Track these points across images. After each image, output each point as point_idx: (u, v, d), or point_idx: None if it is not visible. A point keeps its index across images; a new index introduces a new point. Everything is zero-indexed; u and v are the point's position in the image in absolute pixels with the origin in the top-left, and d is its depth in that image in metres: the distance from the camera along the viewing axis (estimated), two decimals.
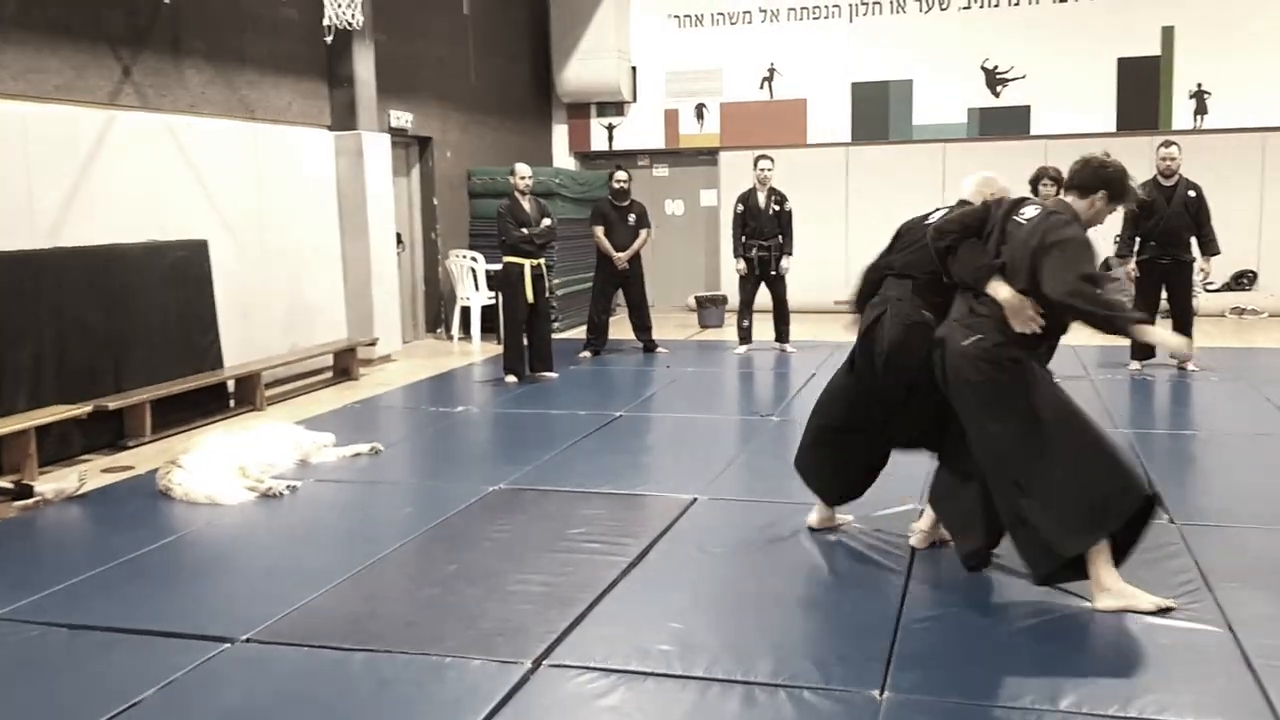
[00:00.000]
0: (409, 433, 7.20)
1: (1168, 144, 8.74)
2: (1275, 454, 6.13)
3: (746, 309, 10.32)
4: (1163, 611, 3.73)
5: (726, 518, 5.07)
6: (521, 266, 8.74)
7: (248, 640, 3.69)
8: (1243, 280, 12.64)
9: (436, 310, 12.11)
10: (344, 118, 9.84)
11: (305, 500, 5.50)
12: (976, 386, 3.97)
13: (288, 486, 5.59)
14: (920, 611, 3.84)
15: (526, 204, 8.92)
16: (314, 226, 9.48)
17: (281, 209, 9.02)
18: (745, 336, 10.35)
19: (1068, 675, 3.29)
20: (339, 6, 8.34)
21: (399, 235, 10.99)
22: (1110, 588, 3.79)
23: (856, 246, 13.88)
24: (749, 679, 3.32)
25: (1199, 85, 12.82)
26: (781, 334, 10.36)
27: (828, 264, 13.72)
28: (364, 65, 9.90)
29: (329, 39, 8.61)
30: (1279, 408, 7.17)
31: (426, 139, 11.75)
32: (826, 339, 11.07)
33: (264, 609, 3.93)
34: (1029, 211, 4.05)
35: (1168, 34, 12.84)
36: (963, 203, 4.52)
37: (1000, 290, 3.92)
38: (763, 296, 10.24)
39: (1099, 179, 3.97)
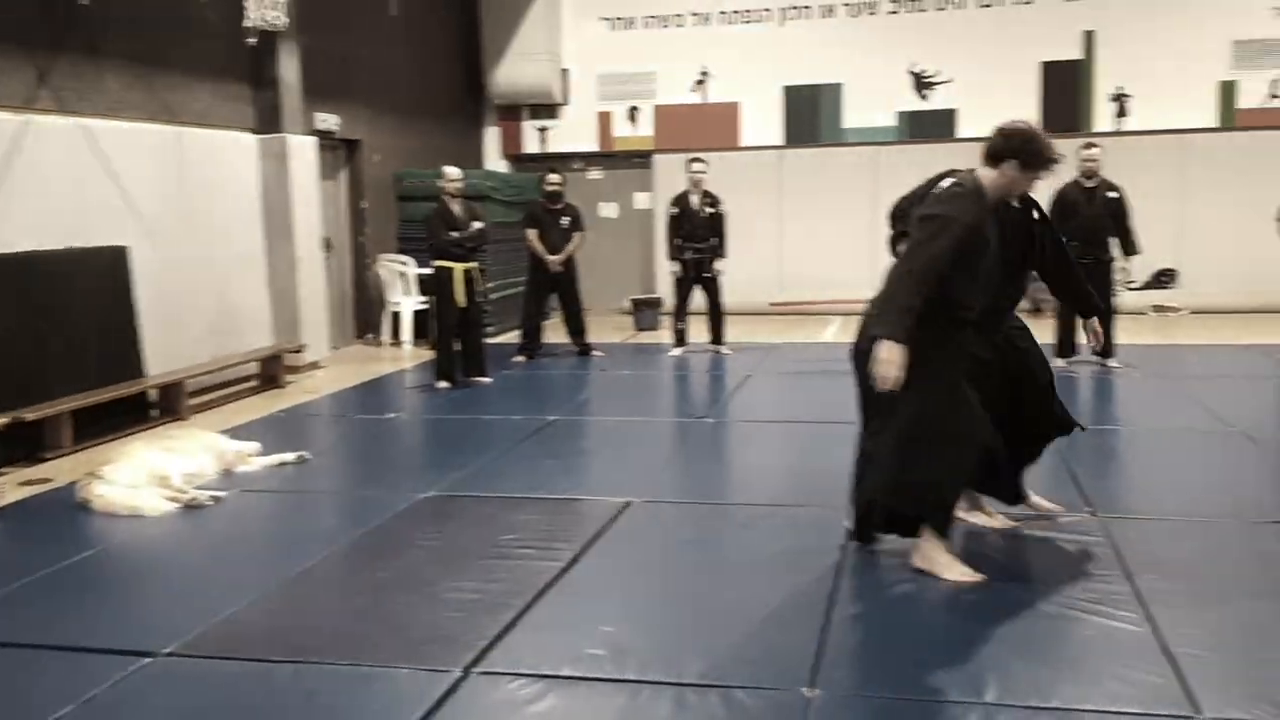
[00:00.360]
0: (337, 440, 7.09)
1: (1089, 145, 8.92)
2: (1196, 448, 6.28)
3: (681, 311, 10.34)
4: (972, 584, 4.00)
5: (660, 520, 5.06)
6: (452, 270, 8.66)
7: (170, 654, 3.60)
8: (1163, 279, 12.96)
9: (366, 316, 11.96)
10: (268, 121, 9.67)
11: (230, 511, 5.39)
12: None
13: (211, 497, 5.47)
14: (850, 609, 3.86)
15: (456, 207, 8.84)
16: (238, 231, 9.31)
17: (204, 214, 8.84)
18: (680, 339, 10.37)
19: (992, 668, 3.33)
20: (262, 7, 8.21)
21: (327, 240, 10.84)
22: (926, 552, 4.12)
23: (790, 248, 14.03)
24: (680, 681, 3.32)
25: (1120, 88, 13.13)
26: (717, 336, 10.39)
27: (762, 266, 13.82)
28: (288, 67, 9.75)
29: (252, 41, 8.46)
30: (1199, 403, 7.34)
31: (354, 142, 11.61)
32: (761, 340, 11.17)
33: (187, 622, 3.84)
34: (945, 183, 4.04)
35: (1089, 38, 13.13)
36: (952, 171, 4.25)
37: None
38: (698, 298, 10.26)
39: (1006, 146, 3.93)
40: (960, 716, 3.06)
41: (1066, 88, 13.24)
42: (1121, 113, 13.17)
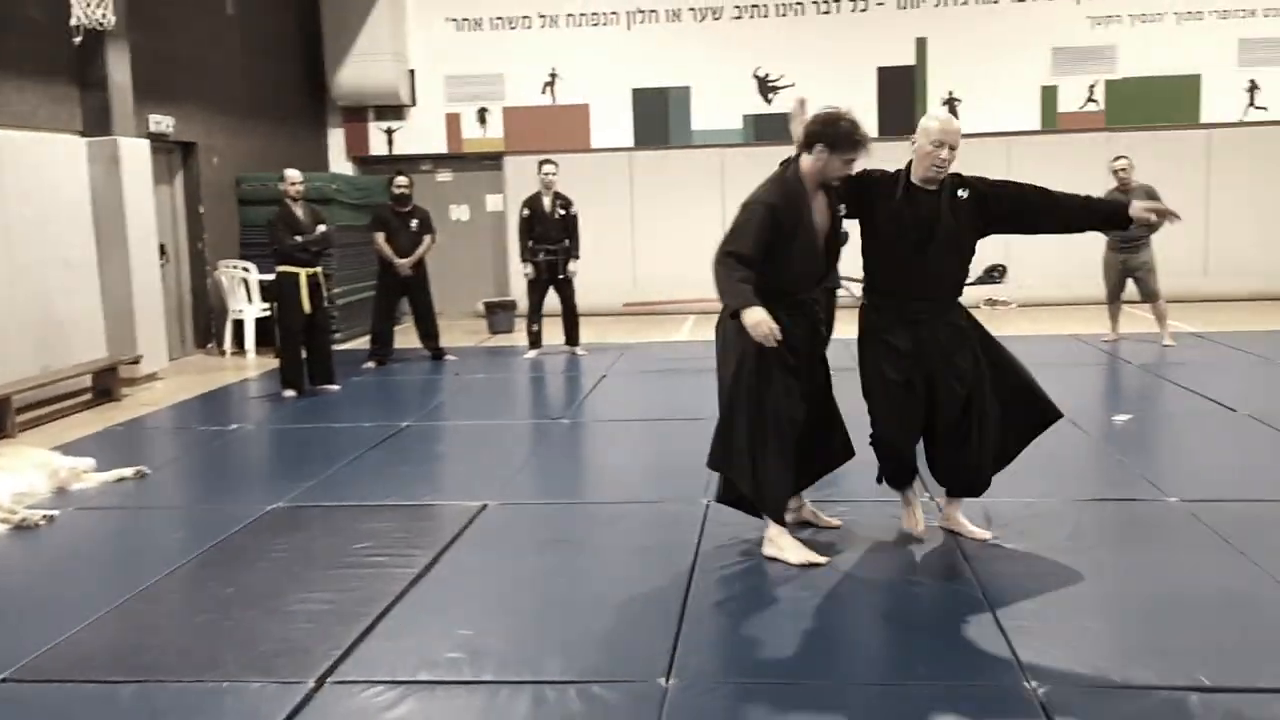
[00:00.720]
0: (179, 454, 6.84)
1: None
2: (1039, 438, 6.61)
3: (536, 313, 10.33)
4: (810, 566, 4.18)
5: (517, 522, 5.06)
6: (296, 275, 8.44)
7: (5, 680, 3.43)
8: (994, 273, 13.60)
9: (206, 324, 11.56)
10: (98, 123, 9.25)
11: (64, 530, 5.14)
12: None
13: (44, 517, 5.21)
14: (705, 600, 3.95)
15: (299, 210, 8.63)
16: (66, 239, 8.85)
17: (29, 220, 8.38)
18: (535, 341, 10.36)
19: (841, 650, 3.47)
20: (88, 5, 7.85)
21: (162, 246, 10.44)
22: (772, 539, 4.30)
23: (643, 249, 14.18)
24: (538, 679, 3.34)
25: (950, 93, 13.71)
26: (571, 337, 10.42)
27: (615, 267, 13.92)
28: (118, 67, 9.34)
29: (78, 40, 8.08)
30: None
31: (190, 144, 11.20)
32: (616, 341, 11.26)
33: (21, 646, 3.66)
34: None
35: (921, 45, 13.68)
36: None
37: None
38: (552, 300, 10.27)
39: (815, 132, 4.24)
40: (811, 697, 3.17)
41: (901, 92, 13.75)
42: (953, 115, 13.74)
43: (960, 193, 4.34)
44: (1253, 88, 13.46)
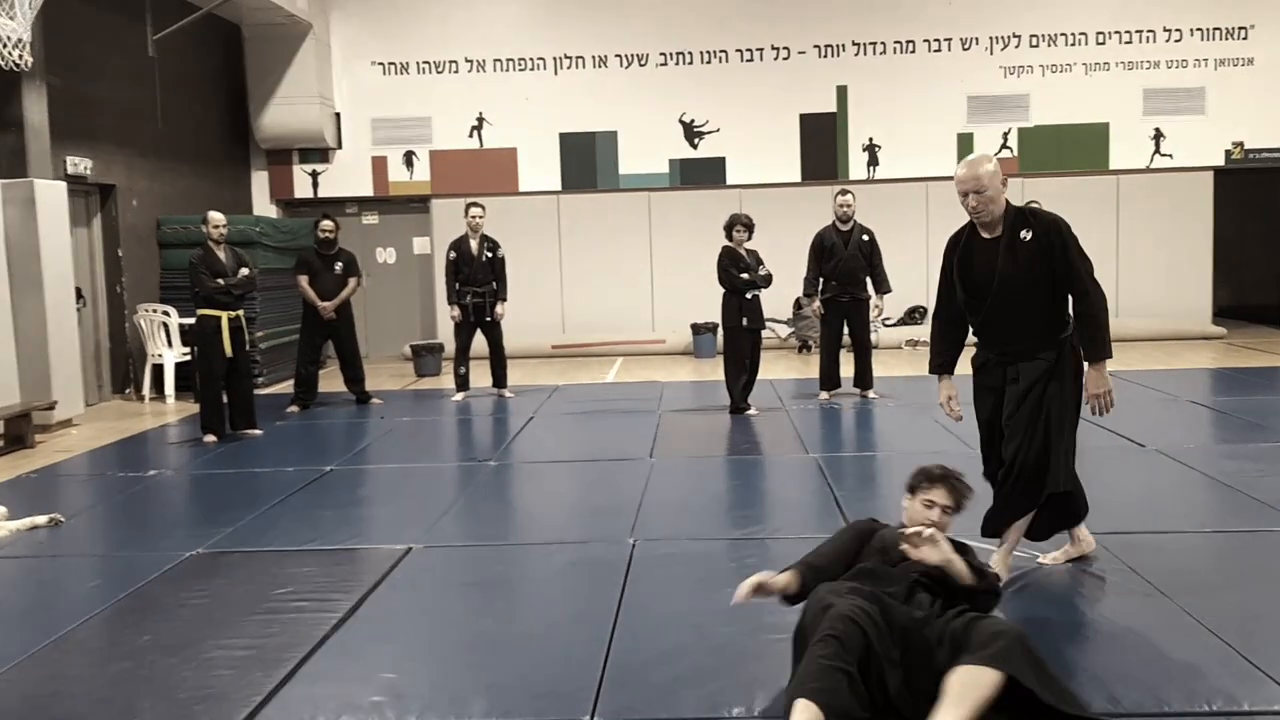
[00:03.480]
0: (95, 500, 6.68)
1: (844, 192, 9.51)
2: None
3: (463, 356, 10.30)
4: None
5: (443, 564, 5.03)
6: (218, 319, 8.34)
7: None
8: (915, 315, 13.90)
9: (125, 369, 11.34)
10: (13, 164, 9.10)
11: None
12: None
13: None
14: (630, 639, 3.95)
15: (221, 253, 8.54)
16: None
17: None
18: (462, 383, 10.32)
19: (762, 682, 3.49)
20: (4, 46, 7.73)
21: (79, 290, 10.24)
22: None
23: (571, 291, 14.26)
24: (462, 719, 3.32)
25: (871, 139, 14.08)
26: (499, 379, 10.40)
27: (544, 309, 13.99)
28: (35, 109, 9.21)
29: None
30: (947, 428, 7.90)
31: (110, 186, 11.04)
32: (545, 383, 11.26)
33: None
34: None
35: (842, 93, 14.03)
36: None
37: None
38: (480, 343, 10.27)
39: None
40: None
41: (824, 138, 14.08)
42: (873, 161, 14.10)
43: (1024, 234, 4.26)
44: (1158, 136, 14.02)
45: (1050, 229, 4.24)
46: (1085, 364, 4.32)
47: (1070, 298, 4.34)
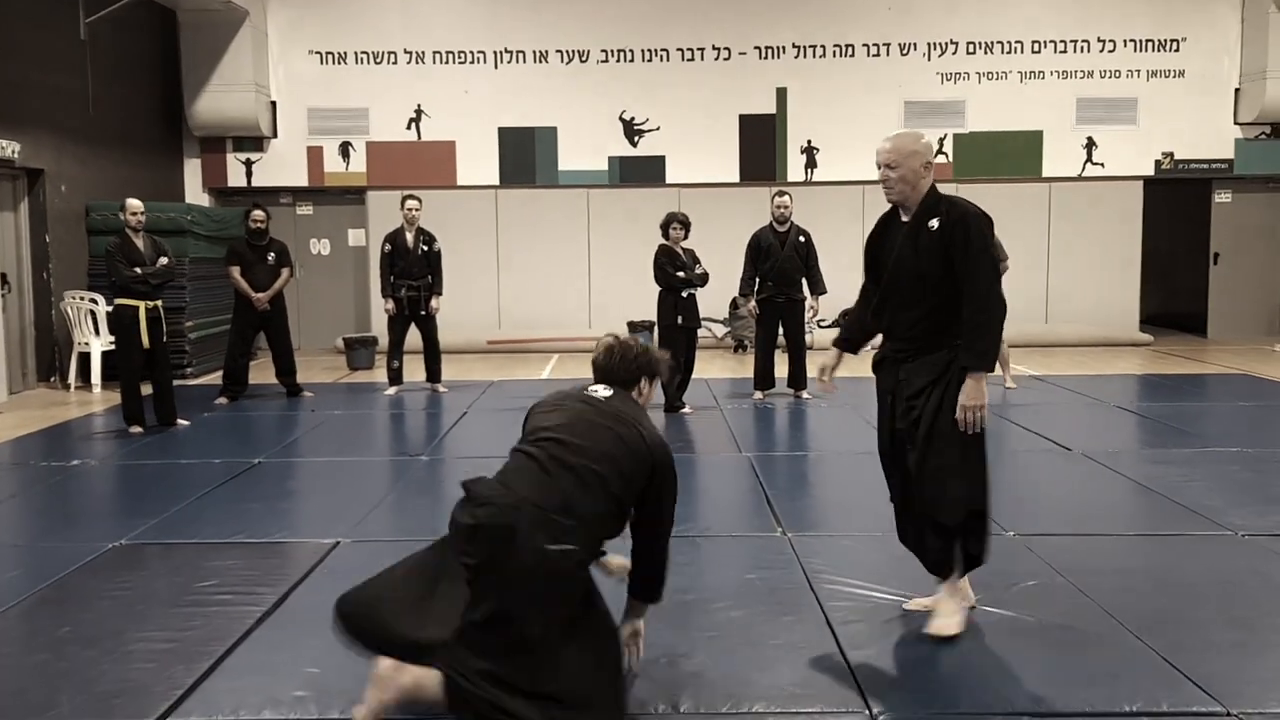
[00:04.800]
0: (16, 490, 6.52)
1: (781, 193, 9.58)
2: (875, 471, 6.83)
3: (397, 349, 10.21)
4: None
5: (371, 559, 4.92)
6: (136, 309, 8.15)
7: None
8: (845, 316, 14.03)
9: (50, 357, 11.08)
10: None
11: None
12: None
13: None
14: None
15: (140, 241, 8.37)
16: None
17: None
18: (396, 377, 10.23)
19: (689, 679, 3.52)
20: None
21: (3, 275, 9.99)
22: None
23: (508, 287, 14.20)
24: (387, 716, 3.30)
25: (809, 141, 14.20)
26: (433, 374, 10.33)
27: (480, 303, 13.92)
28: None
29: None
30: (872, 428, 8.01)
31: (37, 171, 10.78)
32: (479, 378, 11.21)
33: None
34: None
35: (782, 94, 14.14)
36: None
37: None
38: (414, 337, 10.19)
39: None
40: None
41: (763, 139, 14.17)
42: (811, 164, 14.24)
43: (931, 223, 3.89)
44: (1090, 144, 14.33)
45: (959, 221, 3.83)
46: (964, 370, 3.81)
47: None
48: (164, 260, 8.42)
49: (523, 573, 3.02)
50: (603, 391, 3.50)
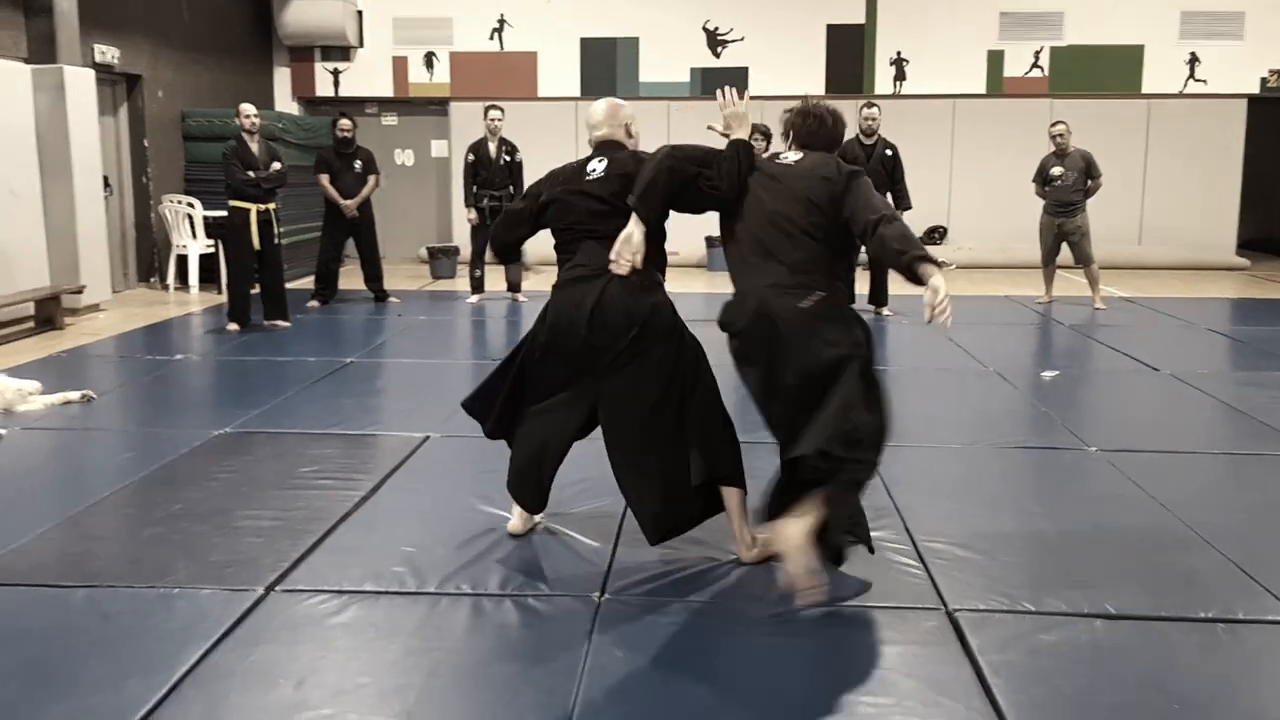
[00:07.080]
0: (124, 380, 6.85)
1: (869, 105, 9.46)
2: (954, 385, 6.87)
3: (479, 259, 10.36)
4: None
5: (459, 453, 5.17)
6: (247, 211, 8.42)
7: None
8: (934, 235, 13.87)
9: (150, 259, 11.46)
10: (43, 51, 9.10)
11: (10, 448, 5.18)
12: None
13: None
14: (635, 527, 4.07)
15: (254, 146, 8.58)
16: (9, 166, 8.74)
17: None
18: (478, 286, 10.41)
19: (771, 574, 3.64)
20: None
21: (105, 179, 10.31)
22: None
23: None
24: (477, 591, 3.49)
25: (899, 53, 13.88)
26: (513, 284, 10.48)
27: None
28: None
29: None
30: (961, 346, 7.99)
31: (136, 77, 11.04)
32: None
33: None
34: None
35: (871, 3, 13.80)
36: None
37: None
38: None
39: None
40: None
41: (850, 51, 13.89)
42: (900, 76, 13.94)
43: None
44: (1193, 60, 13.79)
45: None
46: None
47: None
48: (276, 165, 8.63)
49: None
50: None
